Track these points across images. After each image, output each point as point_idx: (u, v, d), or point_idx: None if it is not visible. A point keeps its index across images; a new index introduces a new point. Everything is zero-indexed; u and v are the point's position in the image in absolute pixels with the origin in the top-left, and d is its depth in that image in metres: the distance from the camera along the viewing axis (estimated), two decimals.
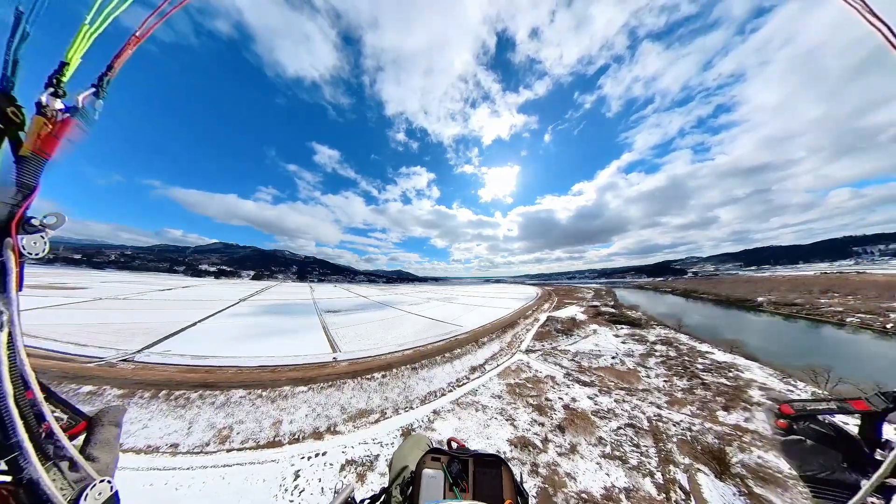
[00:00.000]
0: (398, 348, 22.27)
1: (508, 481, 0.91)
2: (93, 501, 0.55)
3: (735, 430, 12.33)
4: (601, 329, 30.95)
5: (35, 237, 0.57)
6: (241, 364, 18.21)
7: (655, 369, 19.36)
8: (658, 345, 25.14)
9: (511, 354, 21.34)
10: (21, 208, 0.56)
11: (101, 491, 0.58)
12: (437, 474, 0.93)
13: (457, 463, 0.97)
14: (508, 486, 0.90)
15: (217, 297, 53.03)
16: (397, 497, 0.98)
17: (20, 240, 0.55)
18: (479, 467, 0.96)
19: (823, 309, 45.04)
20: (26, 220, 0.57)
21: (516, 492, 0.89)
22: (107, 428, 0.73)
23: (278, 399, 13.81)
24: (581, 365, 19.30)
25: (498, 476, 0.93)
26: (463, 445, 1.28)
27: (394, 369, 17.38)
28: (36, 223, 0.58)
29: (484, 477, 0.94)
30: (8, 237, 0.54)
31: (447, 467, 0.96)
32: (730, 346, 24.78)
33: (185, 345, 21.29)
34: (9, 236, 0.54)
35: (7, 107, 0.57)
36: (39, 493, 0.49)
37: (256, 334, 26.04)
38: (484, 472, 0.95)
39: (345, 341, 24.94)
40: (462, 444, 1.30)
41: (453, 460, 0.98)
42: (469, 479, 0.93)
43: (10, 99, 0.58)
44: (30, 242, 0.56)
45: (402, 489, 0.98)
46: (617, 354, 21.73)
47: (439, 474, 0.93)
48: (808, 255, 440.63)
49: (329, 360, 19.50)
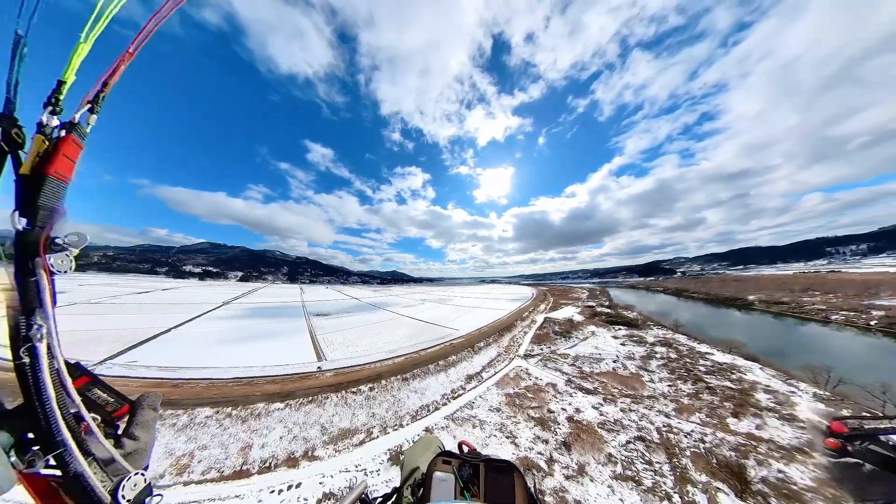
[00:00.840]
0: (389, 355, 20.84)
1: (521, 488, 0.89)
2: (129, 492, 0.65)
3: (749, 439, 11.60)
4: (599, 330, 30.33)
5: (61, 255, 0.64)
6: (214, 376, 16.43)
7: (658, 373, 18.65)
8: (658, 346, 24.60)
9: (509, 360, 20.25)
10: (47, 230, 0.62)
11: (136, 482, 0.67)
12: (447, 477, 0.94)
13: (468, 467, 0.97)
14: (521, 494, 0.87)
15: (198, 300, 50.08)
16: (408, 497, 1.00)
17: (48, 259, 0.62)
18: (491, 473, 0.95)
19: (808, 307, 46.29)
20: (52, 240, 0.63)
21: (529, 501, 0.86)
22: (146, 411, 0.83)
23: (250, 419, 12.21)
24: (582, 370, 18.37)
25: (510, 483, 0.91)
26: (474, 449, 1.29)
27: (383, 380, 15.96)
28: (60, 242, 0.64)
29: (496, 483, 0.92)
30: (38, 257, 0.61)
31: (458, 471, 0.96)
32: (728, 346, 24.52)
33: (155, 354, 19.32)
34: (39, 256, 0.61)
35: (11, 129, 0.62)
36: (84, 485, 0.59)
37: (236, 342, 24.13)
38: (495, 478, 0.94)
39: (332, 348, 23.34)
40: (473, 448, 1.30)
41: (464, 464, 0.98)
42: (480, 484, 0.92)
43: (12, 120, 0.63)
44: (57, 261, 0.63)
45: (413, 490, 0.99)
46: (618, 358, 20.97)
47: (450, 477, 0.94)
48: (786, 255, 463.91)
49: (313, 371, 17.96)
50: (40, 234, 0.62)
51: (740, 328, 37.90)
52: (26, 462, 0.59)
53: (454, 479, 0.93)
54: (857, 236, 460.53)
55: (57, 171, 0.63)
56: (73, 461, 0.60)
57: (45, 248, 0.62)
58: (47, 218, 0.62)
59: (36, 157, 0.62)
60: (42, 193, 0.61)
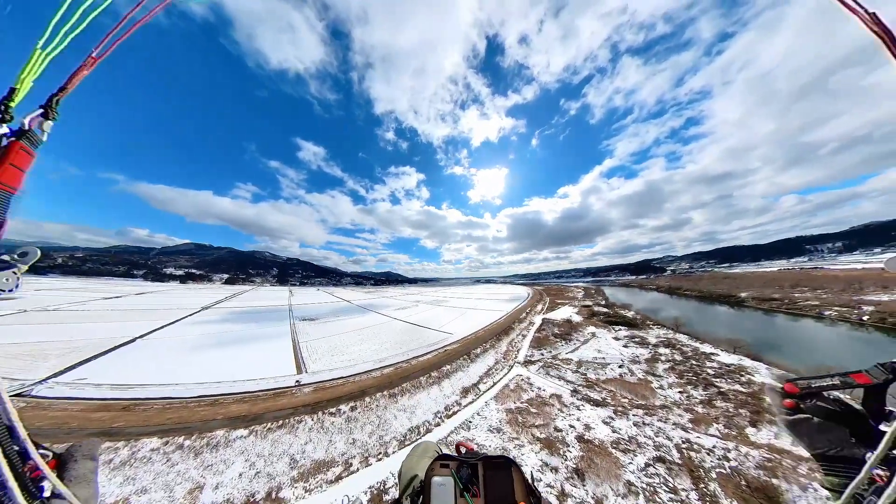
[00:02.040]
0: (377, 365, 19.01)
1: (520, 482, 0.91)
2: None
3: (772, 452, 10.50)
4: (599, 331, 29.26)
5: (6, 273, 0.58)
6: (175, 394, 14.25)
7: (666, 378, 17.50)
8: (661, 348, 23.61)
9: (508, 367, 18.71)
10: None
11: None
12: (446, 481, 0.93)
13: (466, 468, 0.97)
14: (520, 488, 0.89)
15: (175, 306, 46.74)
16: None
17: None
18: (489, 470, 0.96)
19: (800, 303, 46.91)
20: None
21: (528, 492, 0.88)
22: (81, 463, 0.71)
23: (205, 451, 10.21)
24: (588, 378, 17.00)
25: (508, 477, 0.93)
26: (472, 449, 1.29)
27: (367, 397, 14.12)
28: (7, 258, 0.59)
29: (494, 480, 0.93)
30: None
31: (456, 473, 0.95)
32: (731, 345, 23.79)
33: (112, 369, 16.91)
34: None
35: None
36: None
37: (209, 352, 21.76)
38: (494, 475, 0.94)
39: (315, 357, 21.32)
40: (471, 448, 1.30)
41: (462, 465, 0.98)
42: (480, 483, 0.93)
43: None
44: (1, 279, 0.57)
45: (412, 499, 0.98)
46: (623, 362, 19.74)
47: (449, 481, 0.93)
48: (769, 253, 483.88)
49: (290, 386, 16.00)
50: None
51: (737, 326, 37.72)
52: None
53: (453, 481, 0.93)
54: (831, 235, 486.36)
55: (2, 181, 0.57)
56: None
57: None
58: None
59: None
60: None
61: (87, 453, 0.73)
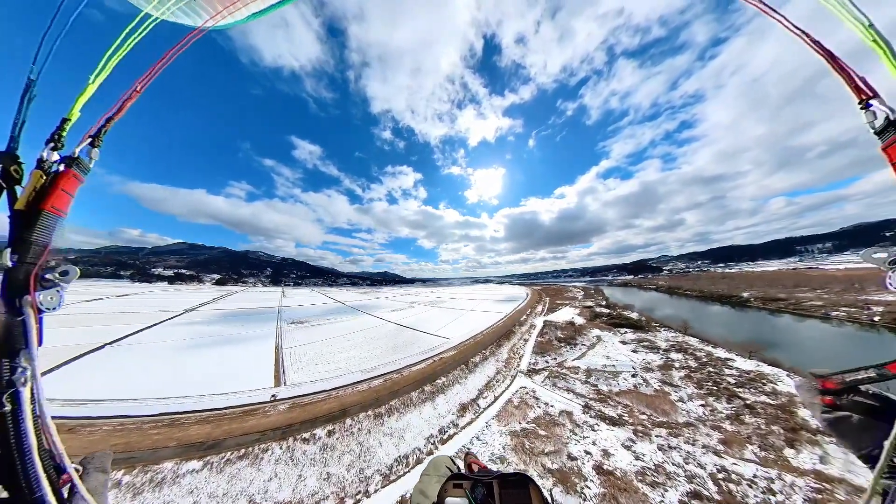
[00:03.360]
0: (365, 375, 17.13)
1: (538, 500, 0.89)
2: None
3: (818, 480, 8.96)
4: (605, 335, 27.67)
5: (51, 292, 0.64)
6: (132, 412, 12.25)
7: (685, 388, 15.89)
8: (673, 353, 22.05)
9: (510, 378, 16.95)
10: (37, 266, 0.62)
11: None
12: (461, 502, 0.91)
13: (481, 487, 0.94)
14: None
15: (157, 308, 44.19)
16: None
17: (37, 296, 0.61)
18: (505, 489, 0.93)
19: (805, 303, 45.97)
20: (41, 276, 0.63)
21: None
22: (94, 475, 0.74)
23: (147, 489, 8.27)
24: (600, 390, 15.30)
25: (526, 495, 0.91)
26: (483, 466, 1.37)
27: (348, 418, 12.21)
28: (51, 278, 0.64)
29: (511, 498, 0.91)
30: (27, 294, 0.60)
31: (471, 493, 0.93)
32: (746, 349, 22.33)
33: (68, 381, 14.85)
34: (27, 294, 0.60)
35: (10, 165, 0.64)
36: None
37: (180, 361, 19.63)
38: (511, 494, 0.92)
39: (297, 366, 19.34)
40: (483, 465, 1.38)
41: (477, 484, 0.95)
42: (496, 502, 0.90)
43: (13, 158, 0.65)
44: (46, 298, 0.63)
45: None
46: (635, 371, 18.08)
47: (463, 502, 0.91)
48: (763, 253, 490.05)
49: (263, 401, 14.07)
50: (31, 270, 0.61)
51: (745, 327, 36.44)
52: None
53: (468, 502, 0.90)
54: (820, 236, 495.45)
55: (53, 205, 0.64)
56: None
57: (35, 286, 0.61)
58: (37, 253, 0.62)
59: (32, 193, 0.63)
60: (35, 229, 0.62)
61: (100, 466, 0.77)
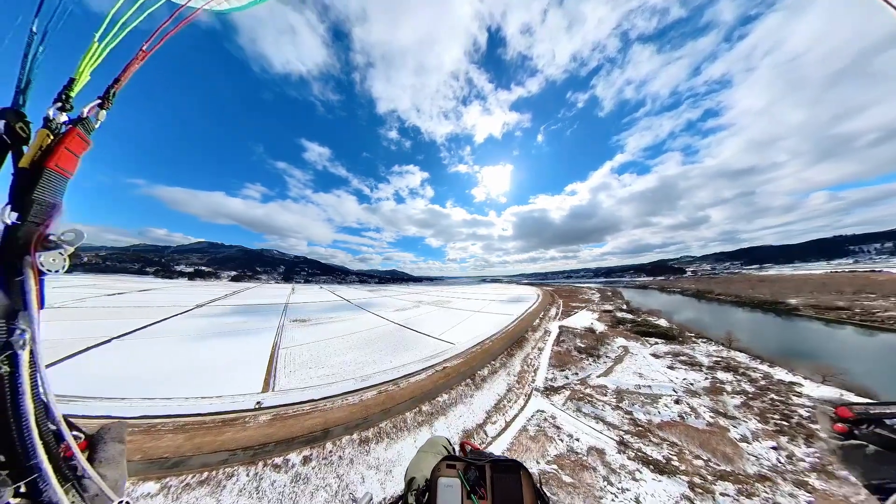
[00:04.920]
0: (358, 384, 15.27)
1: (528, 487, 0.92)
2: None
3: None
4: (632, 345, 24.26)
5: (54, 254, 0.61)
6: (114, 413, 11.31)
7: (745, 421, 12.66)
8: (719, 371, 18.51)
9: (524, 398, 14.37)
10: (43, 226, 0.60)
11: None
12: (453, 482, 0.94)
13: (473, 470, 0.97)
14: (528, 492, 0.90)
15: (171, 303, 45.30)
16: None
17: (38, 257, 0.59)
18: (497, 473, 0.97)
19: (879, 313, 39.05)
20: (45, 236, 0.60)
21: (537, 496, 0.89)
22: (110, 445, 0.75)
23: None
24: (636, 419, 12.41)
25: (517, 481, 0.93)
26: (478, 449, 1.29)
27: (329, 443, 10.22)
28: (55, 239, 0.61)
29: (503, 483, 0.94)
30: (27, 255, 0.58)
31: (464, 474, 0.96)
32: (815, 371, 18.27)
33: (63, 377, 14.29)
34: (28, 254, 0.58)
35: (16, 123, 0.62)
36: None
37: (177, 358, 18.90)
38: (502, 478, 0.95)
39: (290, 369, 17.91)
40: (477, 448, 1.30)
41: (469, 467, 0.98)
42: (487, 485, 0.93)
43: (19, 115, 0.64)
44: (48, 259, 0.60)
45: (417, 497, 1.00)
46: (678, 395, 14.89)
47: (455, 482, 0.94)
48: (803, 254, 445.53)
49: (247, 409, 12.63)
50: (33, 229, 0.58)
51: (801, 341, 31.06)
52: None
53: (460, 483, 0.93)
54: (876, 235, 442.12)
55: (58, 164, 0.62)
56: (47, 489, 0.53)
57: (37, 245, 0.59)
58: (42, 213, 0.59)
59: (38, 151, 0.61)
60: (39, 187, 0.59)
61: (116, 436, 0.78)
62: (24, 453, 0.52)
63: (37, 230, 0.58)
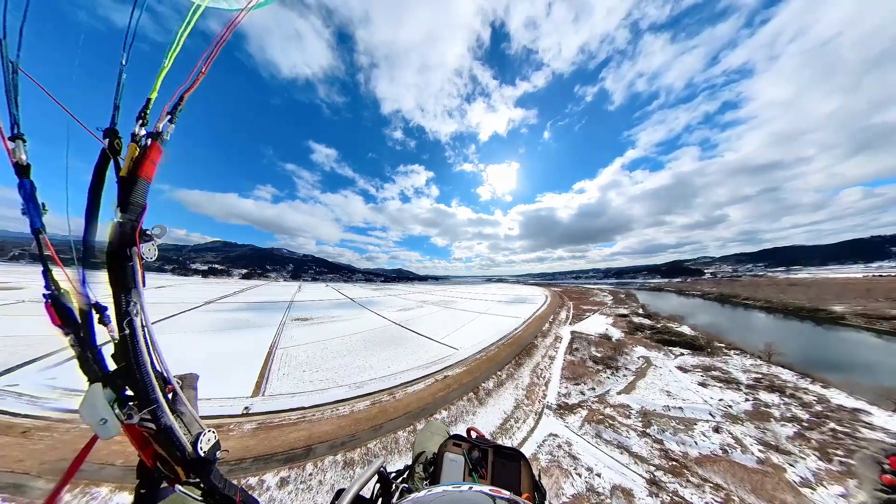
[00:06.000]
0: (351, 392, 14.14)
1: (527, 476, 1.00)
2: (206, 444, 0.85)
3: None
4: (654, 356, 21.96)
5: (149, 245, 0.82)
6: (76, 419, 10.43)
7: (803, 457, 10.49)
8: (761, 392, 16.10)
9: (534, 416, 12.68)
10: (139, 223, 0.80)
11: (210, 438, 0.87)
12: (457, 458, 1.05)
13: (477, 451, 1.07)
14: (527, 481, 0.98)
15: (180, 300, 46.24)
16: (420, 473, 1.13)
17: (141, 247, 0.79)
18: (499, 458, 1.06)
19: None
20: (143, 231, 0.81)
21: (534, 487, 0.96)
22: (187, 391, 0.98)
23: None
24: (668, 451, 10.50)
25: (517, 469, 1.02)
26: (482, 435, 1.40)
27: (310, 463, 9.01)
28: (149, 233, 0.82)
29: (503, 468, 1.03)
30: (134, 246, 0.78)
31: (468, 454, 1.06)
32: (889, 397, 15.37)
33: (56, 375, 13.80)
34: (135, 245, 0.78)
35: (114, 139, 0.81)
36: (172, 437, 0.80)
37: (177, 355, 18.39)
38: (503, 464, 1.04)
39: (283, 372, 17.08)
40: (482, 435, 1.42)
41: (473, 448, 1.09)
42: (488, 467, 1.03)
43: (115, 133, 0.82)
44: (146, 249, 0.81)
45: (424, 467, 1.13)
46: (716, 419, 12.75)
47: (460, 459, 1.04)
48: (836, 256, 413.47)
49: (233, 414, 11.85)
50: (135, 226, 0.79)
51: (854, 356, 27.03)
52: (126, 414, 0.76)
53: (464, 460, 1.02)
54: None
55: (146, 173, 0.81)
56: (163, 416, 0.80)
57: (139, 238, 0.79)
58: (137, 212, 0.80)
59: (130, 162, 0.81)
60: (134, 192, 0.79)
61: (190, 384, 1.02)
62: (146, 390, 0.77)
63: (137, 226, 0.79)
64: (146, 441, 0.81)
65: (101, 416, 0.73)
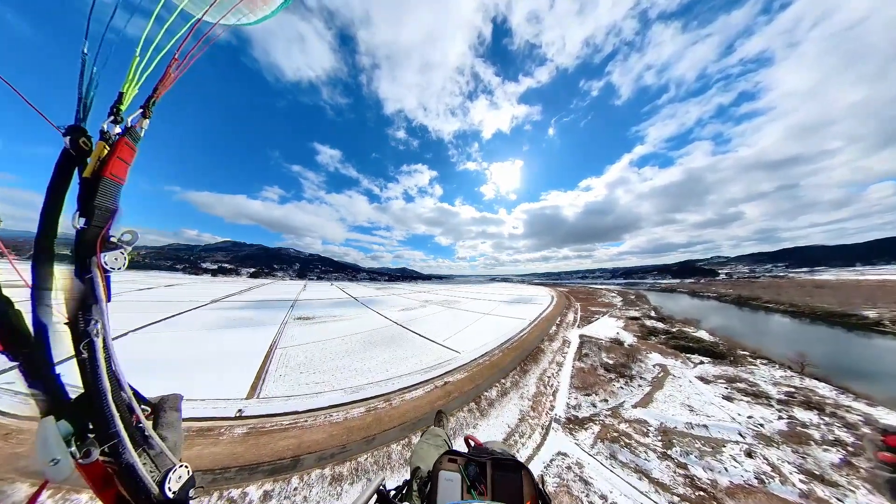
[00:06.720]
0: (347, 397, 13.52)
1: (529, 485, 0.93)
2: (175, 483, 0.72)
3: None
4: (671, 363, 20.46)
5: (115, 253, 0.72)
6: None
7: (853, 491, 9.11)
8: (796, 408, 14.53)
9: (541, 431, 11.63)
10: (104, 229, 0.71)
11: (181, 475, 0.75)
12: (453, 476, 0.96)
13: (474, 466, 0.99)
14: (529, 491, 0.91)
15: (188, 298, 47.16)
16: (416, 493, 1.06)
17: (102, 257, 0.70)
18: (498, 471, 0.97)
19: None
20: (107, 238, 0.72)
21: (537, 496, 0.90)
22: (169, 413, 0.89)
23: None
24: (693, 478, 9.29)
25: (517, 480, 0.95)
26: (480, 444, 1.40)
27: (295, 477, 8.35)
28: (115, 240, 0.73)
29: (503, 480, 0.95)
30: (93, 255, 0.69)
31: (464, 469, 0.98)
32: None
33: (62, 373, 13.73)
34: (94, 254, 0.69)
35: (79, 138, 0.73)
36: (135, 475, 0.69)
37: (176, 354, 18.56)
38: (503, 476, 0.96)
39: (280, 373, 16.69)
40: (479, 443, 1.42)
41: (470, 463, 1.00)
42: (487, 482, 0.95)
43: (81, 131, 0.74)
44: (111, 258, 0.71)
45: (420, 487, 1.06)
46: (749, 444, 11.38)
47: (456, 477, 0.96)
48: (865, 256, 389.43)
49: (226, 417, 11.50)
50: (96, 232, 0.70)
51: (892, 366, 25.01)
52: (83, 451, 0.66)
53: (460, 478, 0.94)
54: None
55: (112, 172, 0.73)
56: (125, 451, 0.69)
57: (101, 247, 0.70)
58: (103, 217, 0.71)
59: (97, 162, 0.72)
60: (98, 194, 0.70)
61: (173, 405, 0.90)
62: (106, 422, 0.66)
63: (100, 233, 0.69)
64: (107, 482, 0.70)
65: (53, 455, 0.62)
